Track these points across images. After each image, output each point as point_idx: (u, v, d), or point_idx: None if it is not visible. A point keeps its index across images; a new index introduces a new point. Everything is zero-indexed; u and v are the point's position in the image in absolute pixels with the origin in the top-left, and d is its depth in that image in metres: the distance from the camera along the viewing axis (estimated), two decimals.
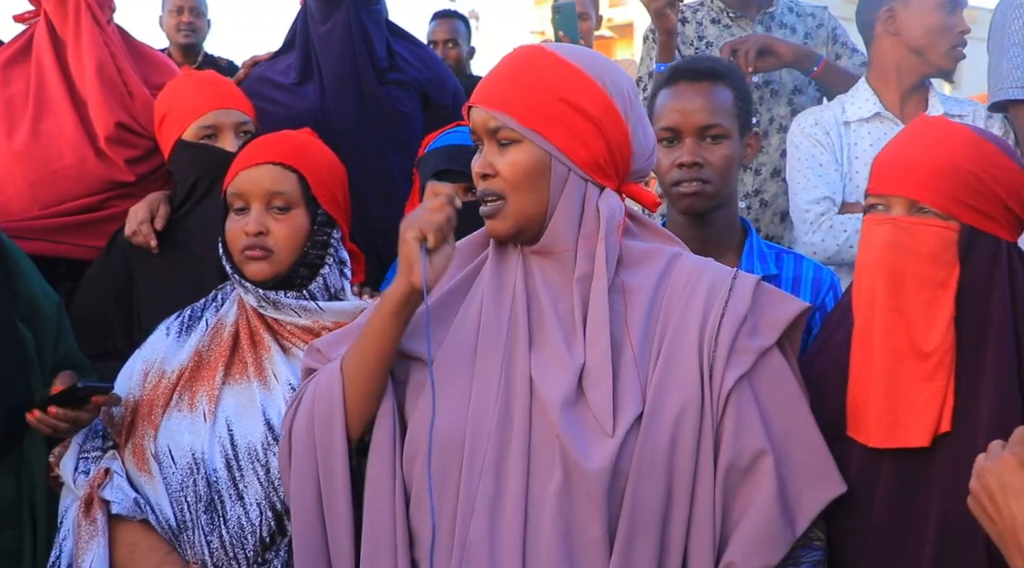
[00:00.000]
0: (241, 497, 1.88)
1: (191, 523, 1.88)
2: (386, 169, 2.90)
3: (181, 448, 1.91)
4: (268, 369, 1.96)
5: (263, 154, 2.03)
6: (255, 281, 1.98)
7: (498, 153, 1.65)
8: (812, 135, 2.84)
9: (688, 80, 2.15)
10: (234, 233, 2.01)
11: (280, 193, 2.00)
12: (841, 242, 2.68)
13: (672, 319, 1.63)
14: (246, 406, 1.93)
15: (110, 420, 2.01)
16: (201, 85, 2.54)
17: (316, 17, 2.95)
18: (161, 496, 1.90)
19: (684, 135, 2.13)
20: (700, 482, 1.56)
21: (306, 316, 1.98)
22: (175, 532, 1.90)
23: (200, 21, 5.00)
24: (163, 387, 1.98)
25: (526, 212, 1.65)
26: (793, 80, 3.13)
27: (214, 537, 1.86)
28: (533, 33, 30.34)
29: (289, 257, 1.99)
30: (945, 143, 1.65)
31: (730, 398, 1.58)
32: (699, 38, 3.17)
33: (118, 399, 1.97)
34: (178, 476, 1.90)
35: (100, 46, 2.67)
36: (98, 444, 2.00)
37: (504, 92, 1.65)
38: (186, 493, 1.89)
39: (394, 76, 2.99)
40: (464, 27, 5.03)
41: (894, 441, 1.63)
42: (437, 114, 2.98)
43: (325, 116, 2.86)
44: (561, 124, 1.63)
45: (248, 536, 1.86)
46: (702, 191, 2.12)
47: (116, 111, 2.63)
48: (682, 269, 1.68)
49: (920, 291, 1.64)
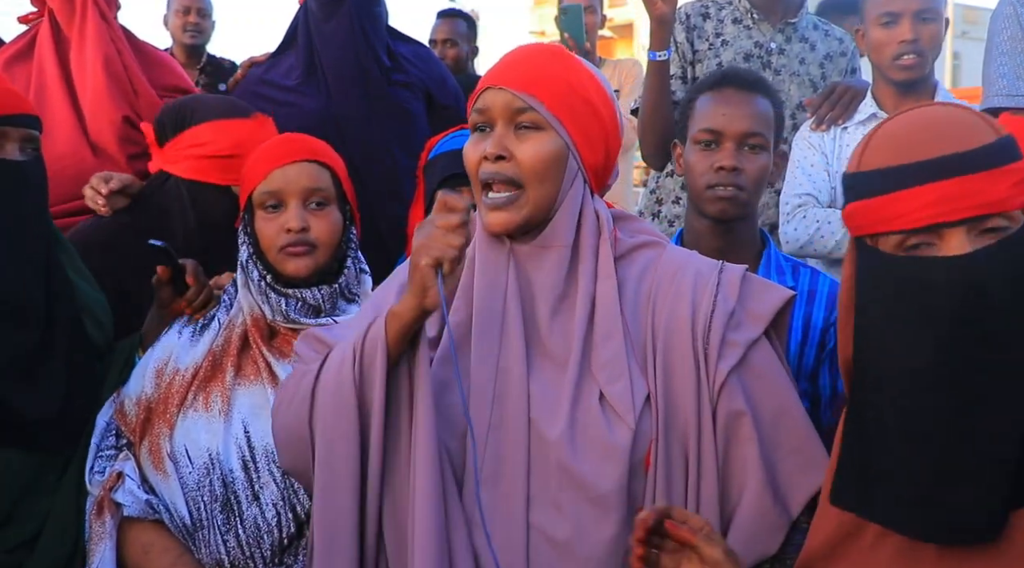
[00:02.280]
0: (257, 497, 1.88)
1: (207, 522, 1.89)
2: (393, 168, 2.89)
3: (198, 447, 1.92)
4: (278, 373, 1.97)
5: (296, 152, 2.04)
6: (293, 279, 1.99)
7: (515, 138, 1.63)
8: (807, 138, 2.90)
9: (736, 87, 2.16)
10: (271, 232, 2.01)
11: (319, 189, 2.03)
12: (812, 232, 2.71)
13: (662, 308, 1.64)
14: (261, 407, 1.94)
15: (124, 418, 2.01)
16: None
17: (318, 16, 2.94)
18: (176, 495, 1.91)
19: (725, 140, 2.13)
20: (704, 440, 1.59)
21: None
22: (190, 531, 1.90)
23: (206, 22, 4.97)
24: (177, 386, 1.99)
25: (540, 204, 1.64)
26: (800, 95, 3.14)
27: (230, 536, 1.87)
28: (533, 33, 30.39)
29: (328, 252, 2.03)
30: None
31: (722, 390, 1.59)
32: (716, 35, 3.16)
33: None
34: (194, 475, 1.91)
35: (107, 42, 2.68)
36: (112, 442, 2.01)
37: (532, 76, 1.63)
38: (202, 492, 1.90)
39: (399, 77, 2.99)
40: (466, 26, 5.02)
41: None
42: (440, 114, 2.99)
43: (332, 115, 2.86)
44: (580, 121, 1.64)
45: (264, 536, 1.86)
46: (736, 197, 2.12)
47: (122, 106, 2.64)
48: (667, 260, 1.70)
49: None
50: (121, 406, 2.03)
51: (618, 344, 1.61)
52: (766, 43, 3.14)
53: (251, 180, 2.05)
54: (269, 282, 2.01)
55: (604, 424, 1.56)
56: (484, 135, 1.66)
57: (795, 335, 2.12)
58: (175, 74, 2.88)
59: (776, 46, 3.14)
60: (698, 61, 3.16)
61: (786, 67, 3.14)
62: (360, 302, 2.07)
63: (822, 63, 3.17)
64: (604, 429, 1.56)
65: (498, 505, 1.56)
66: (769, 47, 3.14)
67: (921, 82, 2.84)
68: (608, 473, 1.54)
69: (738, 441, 1.59)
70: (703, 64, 3.14)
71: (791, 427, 1.63)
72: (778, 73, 3.13)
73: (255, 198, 2.04)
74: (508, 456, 1.58)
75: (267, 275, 2.01)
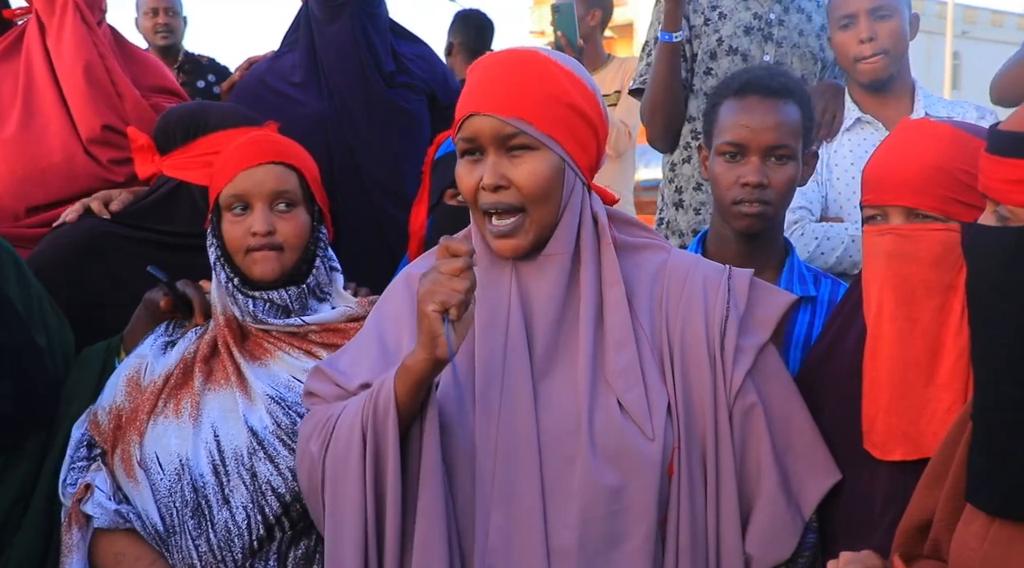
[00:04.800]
0: (227, 501, 1.88)
1: (178, 528, 1.88)
2: (397, 170, 2.87)
3: (168, 453, 1.91)
4: (247, 377, 1.96)
5: (262, 154, 2.03)
6: (260, 281, 1.99)
7: (508, 163, 1.61)
8: None
9: (760, 96, 2.09)
10: (238, 234, 2.00)
11: (286, 191, 2.03)
12: (812, 249, 2.68)
13: (675, 315, 1.65)
14: (230, 410, 1.94)
15: (97, 428, 2.01)
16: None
17: (319, 18, 2.91)
18: (148, 502, 1.90)
19: (750, 153, 2.07)
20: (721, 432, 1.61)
21: (290, 327, 1.99)
22: (163, 538, 1.90)
23: (176, 21, 4.96)
24: (149, 393, 1.98)
25: (544, 223, 1.63)
26: (802, 68, 3.07)
27: (202, 541, 1.87)
28: (533, 33, 30.49)
29: (296, 254, 2.03)
30: (930, 144, 1.64)
31: (739, 394, 1.62)
32: (713, 8, 3.09)
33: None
34: (166, 481, 1.90)
35: (88, 47, 2.64)
36: (84, 453, 2.00)
37: (515, 98, 1.60)
38: (174, 498, 1.89)
39: (403, 79, 2.97)
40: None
41: (916, 453, 1.60)
42: (443, 115, 2.95)
43: (336, 117, 2.85)
44: (570, 129, 1.63)
45: (235, 539, 1.86)
46: (763, 213, 2.08)
47: (103, 113, 2.60)
48: (675, 265, 1.70)
49: (930, 297, 1.62)
50: (94, 417, 2.02)
51: (632, 351, 1.60)
52: (765, 14, 3.07)
53: (218, 182, 2.04)
54: (236, 284, 2.00)
55: (626, 433, 1.56)
56: (476, 160, 1.64)
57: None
58: (161, 74, 2.85)
59: (775, 17, 3.07)
60: (696, 36, 3.08)
61: (787, 39, 3.06)
62: (332, 301, 2.07)
63: (818, 34, 3.11)
64: (626, 438, 1.55)
65: (516, 527, 1.55)
66: (768, 18, 3.06)
67: (896, 82, 2.80)
68: (634, 482, 1.55)
69: (753, 440, 1.61)
70: (701, 40, 3.07)
71: (799, 430, 1.66)
72: (780, 45, 3.05)
73: (222, 200, 2.03)
74: (519, 479, 1.56)
75: (234, 277, 2.01)
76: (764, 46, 3.01)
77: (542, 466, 1.56)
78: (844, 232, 2.66)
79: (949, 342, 1.60)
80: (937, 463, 1.50)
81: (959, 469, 1.42)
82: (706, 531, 1.59)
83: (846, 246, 2.65)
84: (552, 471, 1.56)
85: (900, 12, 2.74)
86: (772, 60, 3.00)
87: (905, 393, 1.62)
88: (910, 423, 1.61)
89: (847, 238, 2.65)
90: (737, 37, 3.03)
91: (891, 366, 1.63)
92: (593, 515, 1.53)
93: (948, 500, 1.45)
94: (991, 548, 1.35)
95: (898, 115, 2.74)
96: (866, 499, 1.66)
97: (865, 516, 1.66)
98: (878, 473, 1.65)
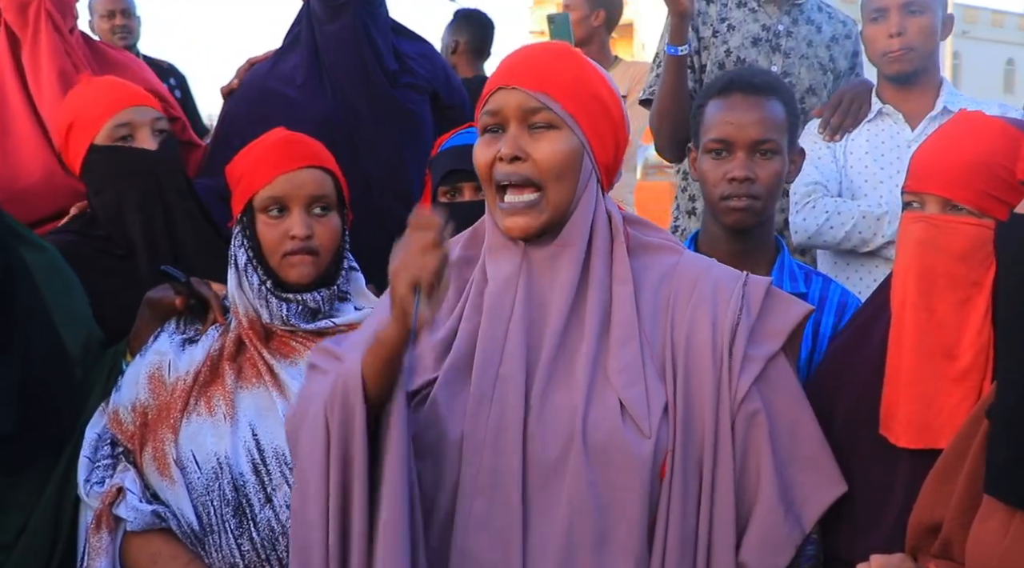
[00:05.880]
0: (270, 500, 1.87)
1: (217, 527, 1.87)
2: (402, 170, 2.86)
3: (205, 451, 1.90)
4: (281, 376, 1.96)
5: (302, 157, 2.04)
6: (296, 285, 1.98)
7: (529, 138, 1.61)
8: (813, 133, 2.90)
9: (743, 93, 2.12)
10: (275, 237, 1.99)
11: (324, 196, 2.03)
12: (821, 223, 2.71)
13: (681, 317, 1.63)
14: (267, 409, 1.93)
15: (119, 426, 1.98)
16: (110, 86, 2.41)
17: (321, 18, 2.91)
18: (183, 501, 1.89)
19: (736, 149, 2.11)
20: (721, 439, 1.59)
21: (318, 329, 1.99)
22: (198, 537, 1.88)
23: (132, 22, 4.95)
24: (179, 390, 1.96)
25: (560, 205, 1.62)
26: (810, 78, 3.10)
27: (244, 540, 1.86)
28: (533, 33, 30.46)
29: (329, 258, 2.03)
30: (978, 137, 1.64)
31: (743, 402, 1.59)
32: (721, 20, 3.11)
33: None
34: (203, 481, 1.89)
35: (61, 55, 2.61)
36: (108, 451, 1.98)
37: (544, 75, 1.61)
38: (211, 497, 1.88)
39: (407, 79, 2.96)
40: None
41: (924, 442, 1.62)
42: (446, 114, 2.97)
43: (340, 117, 2.83)
44: (593, 118, 1.63)
45: (280, 538, 1.85)
46: (751, 207, 2.11)
47: None
48: (685, 267, 1.69)
49: (953, 290, 1.62)
50: (115, 415, 1.99)
51: (635, 350, 1.59)
52: (773, 26, 3.09)
53: (254, 183, 2.02)
54: (270, 287, 1.99)
55: (620, 430, 1.54)
56: (496, 137, 1.63)
57: (805, 343, 2.08)
58: (141, 75, 2.82)
59: (784, 28, 3.09)
60: (704, 48, 3.10)
61: (795, 50, 3.09)
62: (352, 300, 2.07)
63: (828, 45, 3.14)
64: (620, 434, 1.54)
65: (492, 516, 1.53)
66: (777, 30, 3.09)
67: (921, 76, 2.84)
68: (625, 481, 1.53)
69: (754, 448, 1.59)
70: (710, 51, 3.09)
71: (805, 441, 1.64)
72: (788, 56, 3.08)
73: (257, 202, 2.01)
74: (504, 467, 1.55)
75: (267, 280, 1.99)
76: (772, 57, 3.05)
77: (528, 457, 1.54)
78: (856, 208, 2.70)
79: (969, 338, 1.60)
80: (948, 459, 1.50)
81: (973, 466, 1.43)
82: (696, 536, 1.57)
83: (855, 222, 2.67)
84: (540, 462, 1.55)
85: (932, 9, 2.79)
86: (779, 71, 3.04)
87: (920, 381, 1.62)
88: (923, 412, 1.62)
89: (858, 214, 2.67)
90: (745, 48, 3.06)
91: (909, 354, 1.64)
92: (579, 508, 1.52)
93: (962, 498, 1.45)
94: (1012, 543, 1.35)
95: (919, 110, 2.83)
96: (882, 490, 1.66)
97: (877, 508, 1.66)
98: (898, 464, 1.65)
